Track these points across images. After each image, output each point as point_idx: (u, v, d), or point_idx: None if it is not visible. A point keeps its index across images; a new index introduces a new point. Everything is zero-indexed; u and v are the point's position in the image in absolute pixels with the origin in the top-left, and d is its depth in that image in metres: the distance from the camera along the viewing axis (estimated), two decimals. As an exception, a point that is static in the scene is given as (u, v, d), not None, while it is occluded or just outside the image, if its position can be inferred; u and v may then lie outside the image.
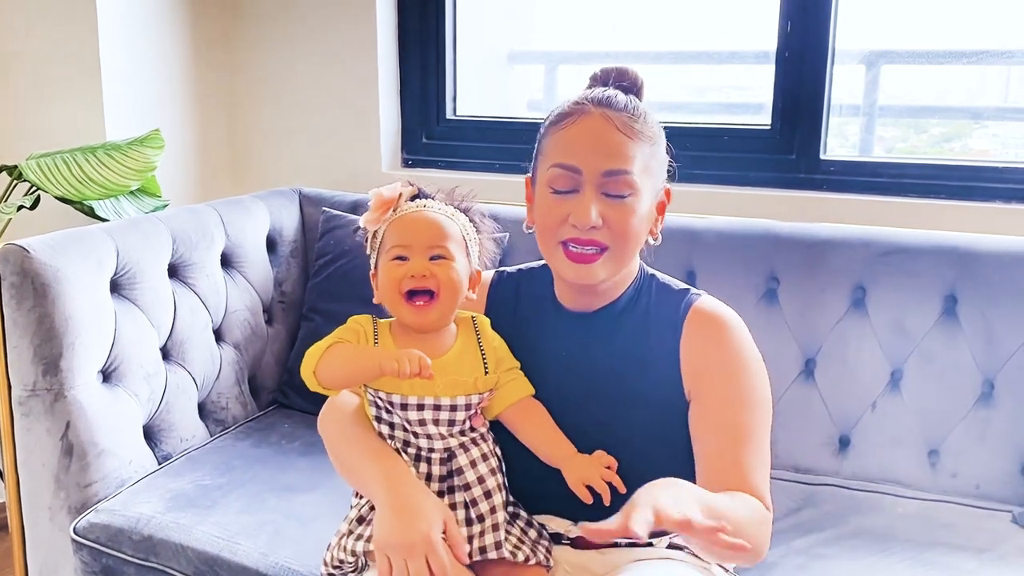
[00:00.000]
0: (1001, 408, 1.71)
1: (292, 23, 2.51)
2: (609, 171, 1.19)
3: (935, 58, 2.26)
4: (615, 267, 1.24)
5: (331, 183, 2.46)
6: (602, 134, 1.20)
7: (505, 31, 2.79)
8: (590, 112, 1.22)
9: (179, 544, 1.60)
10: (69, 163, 2.07)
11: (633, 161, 1.20)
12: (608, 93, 1.24)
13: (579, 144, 1.21)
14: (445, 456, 1.24)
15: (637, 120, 1.22)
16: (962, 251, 1.75)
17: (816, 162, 2.09)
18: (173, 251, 1.93)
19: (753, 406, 1.24)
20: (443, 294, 1.22)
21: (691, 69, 2.57)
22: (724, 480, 1.20)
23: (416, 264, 1.22)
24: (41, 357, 1.68)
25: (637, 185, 1.20)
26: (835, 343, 1.81)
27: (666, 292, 1.32)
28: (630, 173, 1.20)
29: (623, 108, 1.22)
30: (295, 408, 2.11)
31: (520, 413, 1.30)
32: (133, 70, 2.36)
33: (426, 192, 1.29)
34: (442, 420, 1.23)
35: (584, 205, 1.19)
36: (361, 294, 2.07)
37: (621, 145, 1.20)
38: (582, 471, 1.22)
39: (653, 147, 1.23)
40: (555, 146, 1.24)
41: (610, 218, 1.20)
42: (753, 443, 1.23)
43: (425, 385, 1.22)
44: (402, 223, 1.25)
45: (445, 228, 1.24)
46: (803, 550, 1.57)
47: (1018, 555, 1.54)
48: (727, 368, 1.25)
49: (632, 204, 1.21)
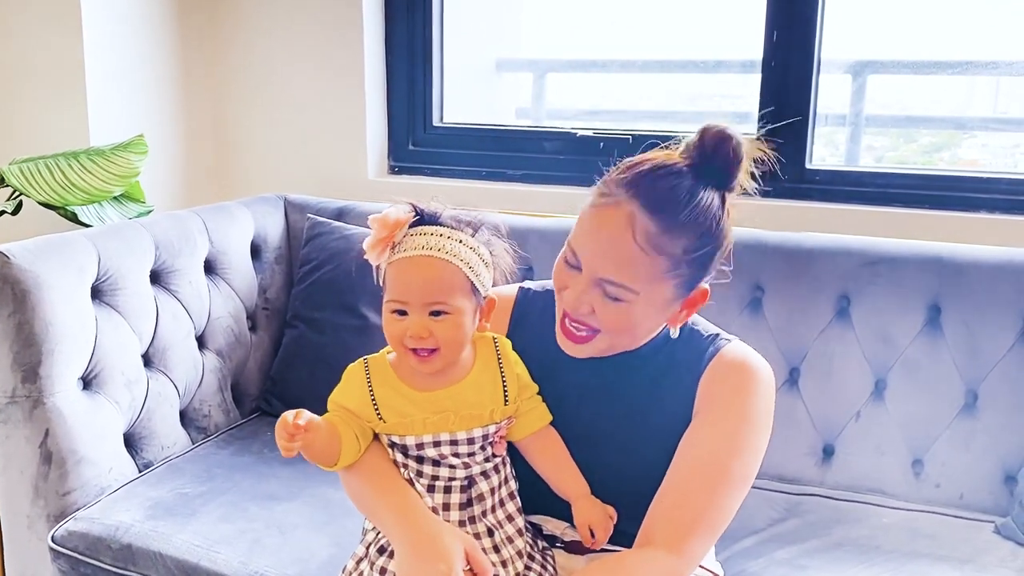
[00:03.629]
0: (985, 418, 1.71)
1: (278, 29, 2.51)
2: (606, 279, 1.13)
3: (922, 68, 2.27)
4: (610, 347, 1.20)
5: (317, 190, 2.45)
6: (616, 239, 1.11)
7: (493, 39, 2.79)
8: (620, 205, 1.12)
9: (158, 553, 1.58)
10: (52, 168, 2.06)
11: (642, 276, 1.11)
12: (660, 187, 1.11)
13: (591, 238, 1.14)
14: (466, 483, 1.21)
15: (672, 230, 1.10)
16: (946, 261, 1.75)
17: (802, 171, 2.09)
18: (156, 257, 1.92)
19: (741, 456, 1.18)
20: (445, 350, 1.16)
21: (678, 78, 2.58)
22: (669, 514, 1.17)
23: (415, 324, 1.15)
24: (20, 364, 1.67)
25: (639, 295, 1.13)
26: (819, 352, 1.81)
27: (694, 337, 1.26)
28: (628, 288, 1.12)
29: (662, 213, 1.10)
30: (278, 416, 2.07)
31: (537, 443, 1.27)
32: (118, 75, 2.35)
33: (432, 213, 1.19)
34: (460, 452, 1.20)
35: (575, 292, 1.15)
36: (345, 302, 2.08)
37: (631, 258, 1.11)
38: (590, 515, 1.22)
39: (684, 256, 1.12)
40: (579, 222, 1.17)
41: (601, 314, 1.15)
42: (720, 491, 1.17)
43: (439, 422, 1.19)
44: (401, 271, 1.16)
45: (445, 280, 1.15)
46: (786, 560, 1.56)
47: (1000, 566, 1.54)
48: (733, 411, 1.19)
49: (627, 308, 1.14)
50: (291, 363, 2.10)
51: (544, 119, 2.73)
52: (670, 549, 1.14)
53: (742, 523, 1.66)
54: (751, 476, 1.21)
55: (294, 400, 2.07)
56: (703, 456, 1.18)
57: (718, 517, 1.18)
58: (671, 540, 1.15)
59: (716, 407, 1.20)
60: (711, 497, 1.16)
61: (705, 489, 1.17)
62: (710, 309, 1.32)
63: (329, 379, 2.01)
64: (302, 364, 2.08)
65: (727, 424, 1.19)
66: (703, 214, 1.12)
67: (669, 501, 1.18)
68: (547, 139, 2.35)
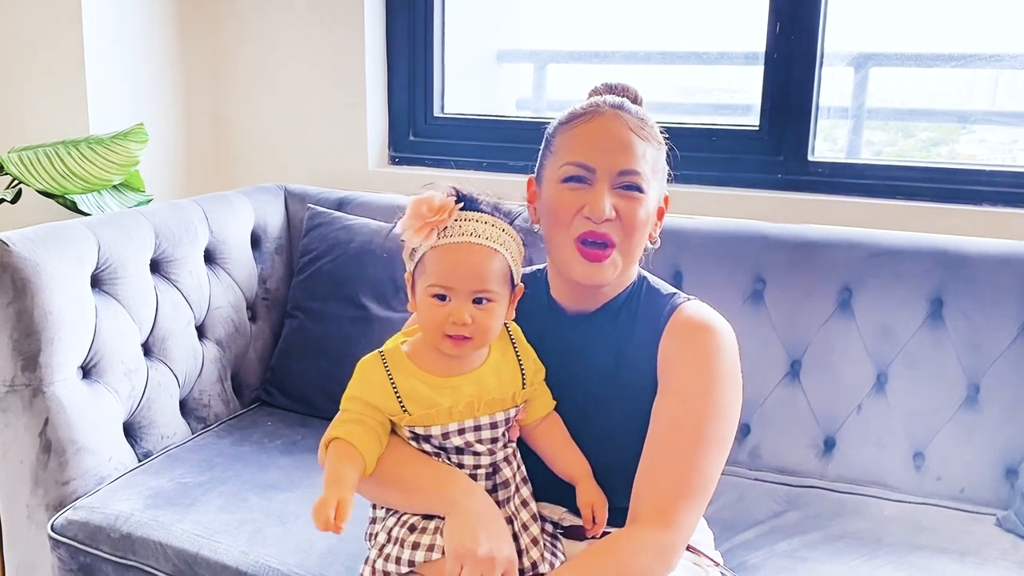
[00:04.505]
0: (986, 411, 1.71)
1: (280, 17, 2.50)
2: (624, 170, 1.22)
3: (924, 61, 2.26)
4: (622, 266, 1.24)
5: (317, 180, 2.45)
6: (617, 133, 1.23)
7: (494, 30, 2.78)
8: (604, 112, 1.25)
9: (158, 542, 1.58)
10: (51, 157, 2.05)
11: (644, 161, 1.23)
12: (619, 99, 1.27)
13: (594, 141, 1.23)
14: (491, 470, 1.21)
15: (646, 124, 1.25)
16: (949, 254, 1.75)
17: (804, 163, 2.09)
18: (156, 246, 1.91)
19: (714, 417, 1.21)
20: (481, 337, 1.18)
21: (680, 70, 2.56)
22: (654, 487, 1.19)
23: (458, 309, 1.15)
24: (20, 352, 1.66)
25: (646, 183, 1.23)
26: (821, 345, 1.81)
27: (654, 294, 1.31)
28: (641, 172, 1.22)
29: (633, 112, 1.26)
30: (278, 406, 2.10)
31: (544, 427, 1.28)
32: (118, 63, 2.34)
33: (471, 198, 1.21)
34: (484, 439, 1.20)
35: (598, 197, 1.21)
36: (345, 292, 2.07)
37: (634, 144, 1.23)
38: (593, 496, 1.24)
39: (658, 151, 1.26)
40: (568, 144, 1.25)
41: (623, 210, 1.21)
42: (698, 453, 1.19)
43: (464, 410, 1.19)
44: (447, 257, 1.16)
45: (492, 267, 1.17)
46: (787, 553, 1.56)
47: (1001, 559, 1.54)
48: (696, 372, 1.22)
49: (643, 200, 1.23)
50: (291, 353, 2.10)
51: (545, 110, 2.72)
52: (657, 523, 1.17)
53: (743, 515, 1.67)
54: (728, 437, 1.23)
55: (294, 391, 2.07)
56: (676, 424, 1.21)
57: (700, 482, 1.20)
58: (657, 514, 1.18)
59: (682, 373, 1.23)
60: (689, 463, 1.19)
61: (682, 457, 1.19)
62: (711, 299, 1.32)
63: (329, 369, 2.03)
64: (302, 354, 2.08)
65: (695, 389, 1.22)
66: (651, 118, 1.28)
67: (649, 475, 1.21)
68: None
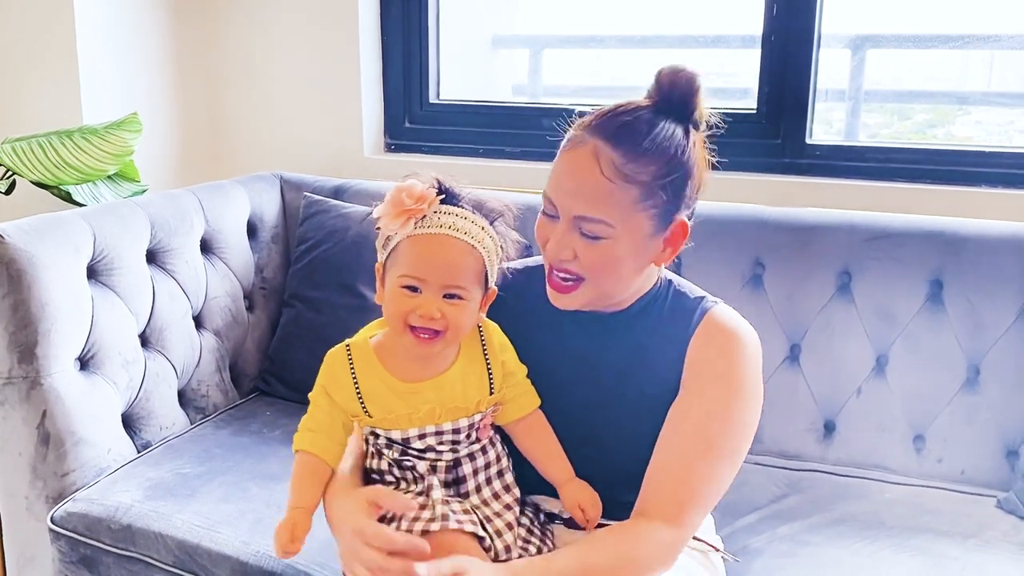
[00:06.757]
0: (986, 393, 1.71)
1: (273, 6, 2.48)
2: (581, 216, 1.14)
3: (921, 42, 2.25)
4: (598, 295, 1.20)
5: (313, 168, 2.43)
6: (584, 175, 1.13)
7: (489, 15, 2.77)
8: (584, 143, 1.15)
9: (158, 533, 1.58)
10: (45, 147, 2.04)
11: (614, 208, 1.12)
12: (619, 121, 1.15)
13: (561, 179, 1.16)
14: (452, 464, 1.20)
15: (637, 159, 1.12)
16: (948, 236, 1.74)
17: (802, 147, 2.08)
18: (151, 236, 1.90)
19: (733, 433, 1.19)
20: (450, 335, 1.13)
21: (677, 53, 2.55)
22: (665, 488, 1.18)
23: (427, 303, 1.11)
24: (16, 344, 1.65)
25: (616, 229, 1.13)
26: (820, 328, 1.80)
27: (681, 298, 1.26)
28: (604, 221, 1.13)
29: (624, 143, 1.13)
30: (276, 396, 2.09)
31: (524, 427, 1.26)
32: (111, 52, 2.32)
33: (453, 192, 1.17)
34: (446, 441, 1.19)
35: (556, 238, 1.16)
36: (342, 280, 2.06)
37: (600, 190, 1.12)
38: (579, 496, 1.23)
39: (654, 184, 1.13)
40: (551, 171, 1.19)
41: (583, 256, 1.16)
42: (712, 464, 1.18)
43: (424, 416, 1.17)
44: (421, 248, 1.12)
45: (467, 262, 1.13)
46: (788, 536, 1.56)
47: (1003, 540, 1.54)
48: (723, 380, 1.19)
49: (608, 246, 1.14)
50: (289, 342, 2.09)
51: (541, 95, 2.71)
52: (668, 521, 1.17)
53: (744, 499, 1.66)
54: (743, 449, 1.22)
55: (292, 381, 2.07)
56: (695, 430, 1.18)
57: (712, 490, 1.19)
58: (669, 514, 1.17)
59: (705, 377, 1.20)
60: (701, 474, 1.18)
61: (696, 465, 1.18)
62: (710, 284, 1.31)
63: (328, 358, 2.02)
64: (300, 343, 2.07)
65: (717, 397, 1.19)
66: (666, 141, 1.14)
67: (660, 475, 1.19)
68: (544, 115, 2.32)
